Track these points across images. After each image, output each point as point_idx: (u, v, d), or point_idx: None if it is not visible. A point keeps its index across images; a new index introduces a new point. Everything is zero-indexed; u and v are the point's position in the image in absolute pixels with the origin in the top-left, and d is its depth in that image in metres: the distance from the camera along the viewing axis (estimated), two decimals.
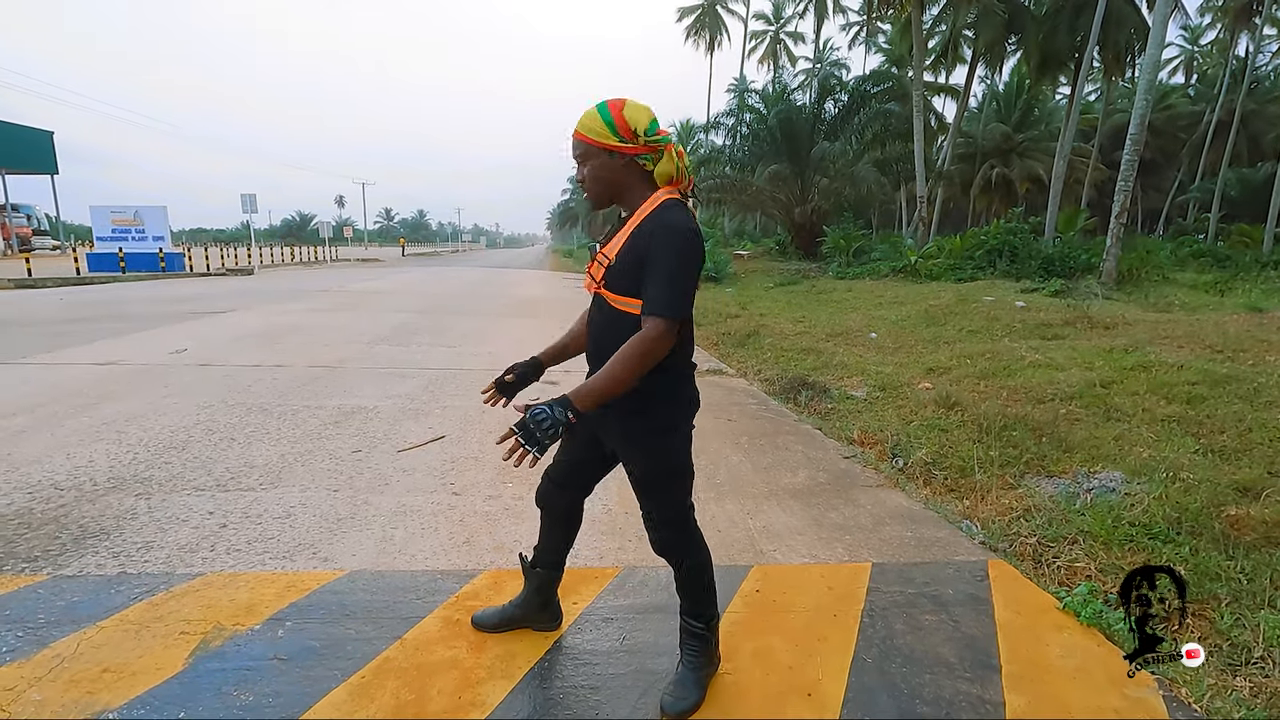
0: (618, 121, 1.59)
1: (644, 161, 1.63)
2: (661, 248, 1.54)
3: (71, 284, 15.91)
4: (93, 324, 8.49)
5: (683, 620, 1.86)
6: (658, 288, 1.54)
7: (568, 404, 1.49)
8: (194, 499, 3.03)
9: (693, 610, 1.84)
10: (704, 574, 1.83)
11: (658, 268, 1.55)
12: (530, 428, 1.46)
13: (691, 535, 1.82)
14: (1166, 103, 36.95)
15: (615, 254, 1.62)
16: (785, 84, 23.19)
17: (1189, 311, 9.36)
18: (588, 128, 1.60)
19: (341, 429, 4.14)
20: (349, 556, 2.55)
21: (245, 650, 1.96)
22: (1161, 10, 11.92)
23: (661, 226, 1.56)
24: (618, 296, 1.63)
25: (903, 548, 2.78)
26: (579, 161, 1.65)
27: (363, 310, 10.75)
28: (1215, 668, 2.04)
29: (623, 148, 1.60)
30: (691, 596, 1.84)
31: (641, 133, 1.59)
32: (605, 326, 1.68)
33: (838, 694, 1.85)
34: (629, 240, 1.61)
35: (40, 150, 30.27)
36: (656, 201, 1.62)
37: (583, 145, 1.63)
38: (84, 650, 1.93)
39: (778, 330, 8.52)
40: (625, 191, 1.66)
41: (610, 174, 1.63)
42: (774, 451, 3.99)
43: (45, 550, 2.52)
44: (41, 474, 3.28)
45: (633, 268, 1.59)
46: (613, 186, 1.65)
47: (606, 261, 1.64)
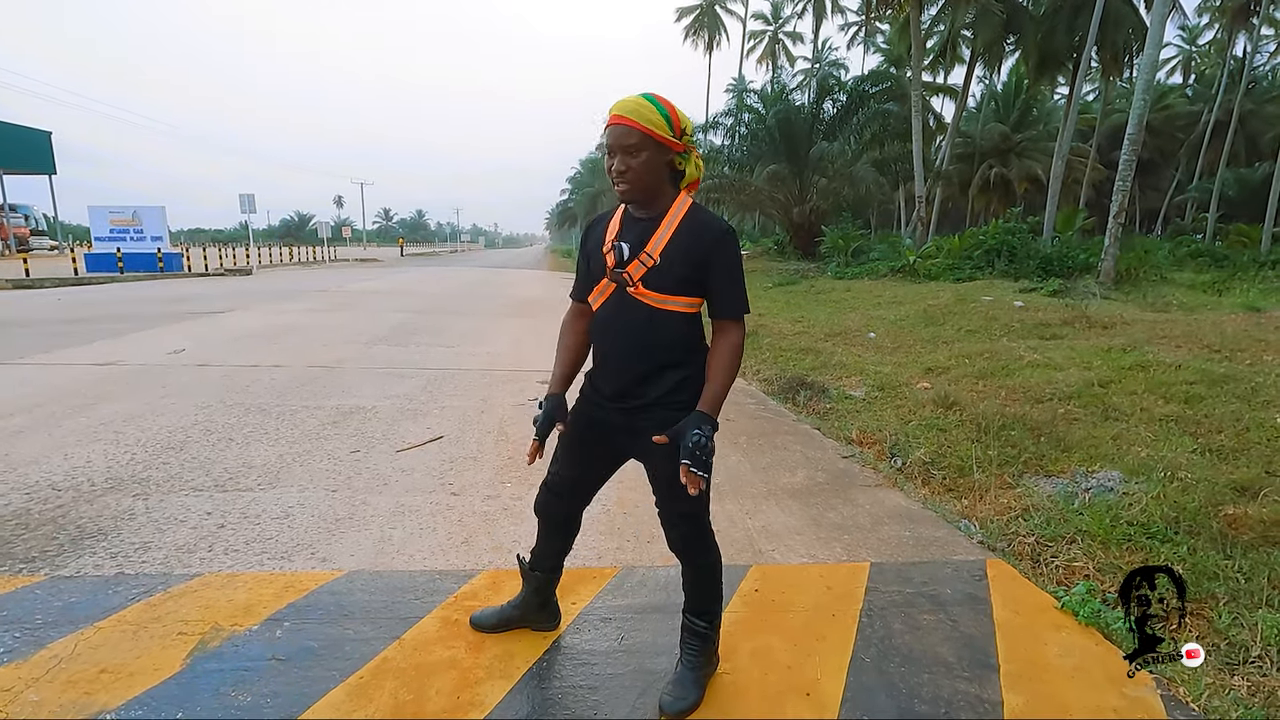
0: (673, 117, 1.59)
1: (681, 161, 1.65)
2: (725, 251, 1.61)
3: (69, 284, 15.88)
4: (91, 324, 8.47)
5: (685, 619, 1.86)
6: (733, 291, 1.63)
7: (709, 419, 1.57)
8: (192, 499, 3.03)
9: (698, 608, 1.84)
10: (716, 571, 1.83)
11: (727, 271, 1.62)
12: (702, 458, 1.52)
13: (709, 532, 1.82)
14: (1164, 103, 37.03)
15: (659, 254, 1.61)
16: (784, 84, 23.14)
17: (1187, 311, 9.38)
18: (645, 119, 1.56)
19: (340, 429, 4.14)
20: (347, 557, 2.54)
21: (243, 651, 1.96)
22: (1159, 10, 11.94)
23: (723, 235, 1.62)
24: (661, 295, 1.63)
25: (901, 547, 2.78)
26: (627, 151, 1.57)
27: (361, 310, 10.74)
28: (1213, 667, 2.04)
29: (674, 144, 1.61)
30: (701, 594, 1.83)
31: (689, 132, 1.63)
32: (644, 326, 1.65)
33: (836, 693, 1.85)
34: (673, 242, 1.61)
35: (38, 150, 30.20)
36: (687, 203, 1.65)
37: (637, 134, 1.56)
38: (81, 651, 1.93)
39: (776, 330, 8.52)
40: (660, 188, 1.64)
41: (658, 169, 1.61)
42: (772, 451, 3.99)
43: (43, 551, 2.52)
44: (39, 474, 3.28)
45: (682, 268, 1.60)
46: (656, 182, 1.62)
47: (651, 262, 1.61)
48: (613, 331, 1.71)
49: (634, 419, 1.70)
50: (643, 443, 1.68)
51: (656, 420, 1.64)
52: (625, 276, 1.64)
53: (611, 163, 1.61)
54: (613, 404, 1.74)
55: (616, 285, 1.67)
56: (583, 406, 1.83)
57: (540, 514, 1.98)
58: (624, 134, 1.57)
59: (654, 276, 1.62)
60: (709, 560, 1.82)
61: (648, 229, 1.64)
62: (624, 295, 1.66)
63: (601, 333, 1.75)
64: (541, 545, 2.03)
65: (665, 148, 1.60)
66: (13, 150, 28.83)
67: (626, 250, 1.64)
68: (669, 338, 1.65)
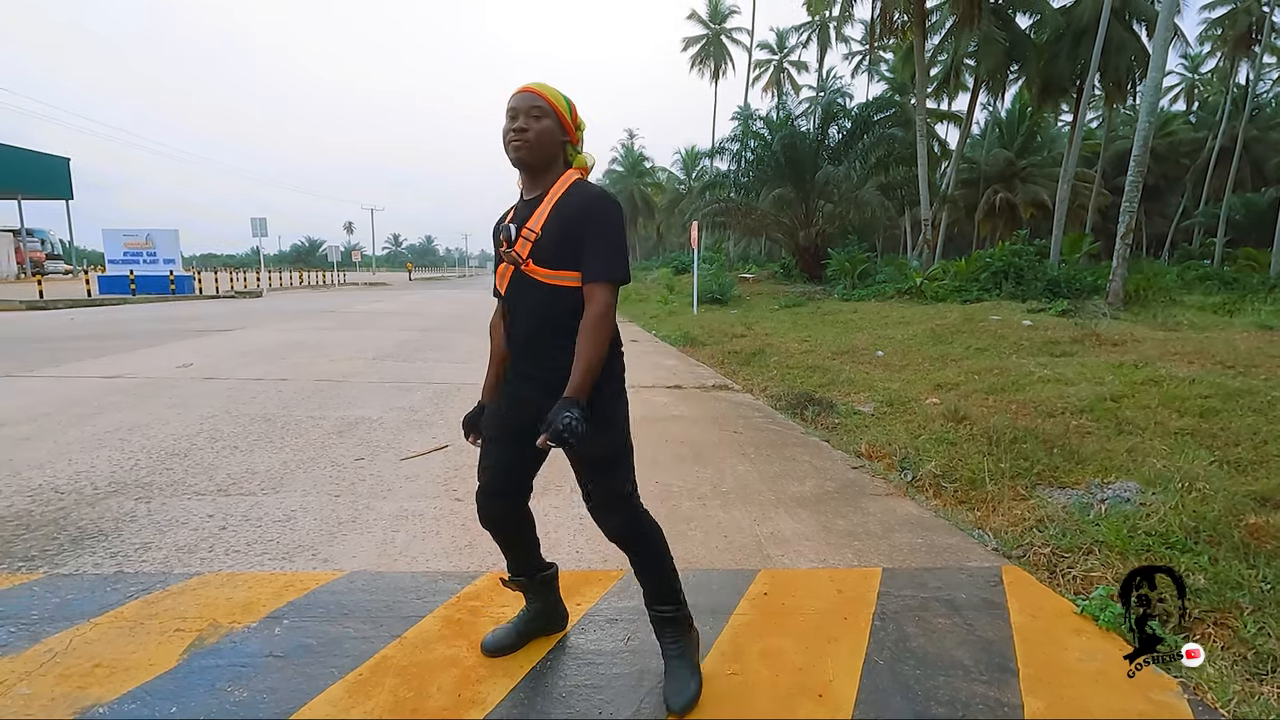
0: (573, 109, 1.73)
1: (572, 154, 1.75)
2: (601, 217, 1.62)
3: (82, 305, 16.09)
4: (101, 341, 8.54)
5: (652, 612, 1.82)
6: (602, 255, 1.61)
7: (576, 402, 1.52)
8: (194, 503, 3.00)
9: (659, 595, 1.80)
10: (663, 553, 1.81)
11: (601, 237, 1.61)
12: (570, 440, 1.48)
13: (643, 513, 1.79)
14: (1169, 129, 37.26)
15: (540, 227, 1.62)
16: (789, 110, 23.39)
17: (1198, 330, 9.29)
18: (552, 95, 1.67)
19: (345, 438, 4.11)
20: (349, 558, 2.50)
21: (241, 647, 1.92)
22: (1161, 36, 12.06)
23: (596, 198, 1.64)
24: (550, 271, 1.62)
25: (914, 554, 2.71)
26: (529, 114, 1.63)
27: (368, 329, 10.79)
28: (1241, 675, 1.96)
29: (570, 130, 1.72)
30: (655, 580, 1.80)
31: (582, 130, 1.76)
32: (541, 303, 1.65)
33: (850, 695, 1.79)
34: (553, 214, 1.63)
35: (57, 176, 30.82)
36: (570, 179, 1.68)
37: (542, 103, 1.65)
38: (76, 646, 1.89)
39: (783, 349, 8.49)
40: (550, 164, 1.69)
41: (553, 142, 1.67)
42: (781, 462, 3.94)
43: (43, 550, 2.49)
44: (43, 478, 3.26)
45: (562, 241, 1.60)
46: (548, 153, 1.67)
47: (534, 236, 1.62)
48: (517, 312, 1.72)
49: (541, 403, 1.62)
50: None
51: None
52: (515, 255, 1.65)
53: (512, 125, 1.64)
54: (523, 381, 1.74)
55: (514, 267, 1.67)
56: (504, 388, 1.83)
57: (487, 524, 1.88)
58: (531, 98, 1.65)
59: (538, 251, 1.62)
60: (650, 544, 1.79)
61: (533, 207, 1.67)
62: (521, 275, 1.67)
63: (509, 315, 1.77)
64: (510, 556, 1.95)
65: (563, 128, 1.69)
66: (33, 176, 29.43)
67: (514, 230, 1.66)
68: (565, 312, 1.63)
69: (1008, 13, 22.53)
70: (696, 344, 9.32)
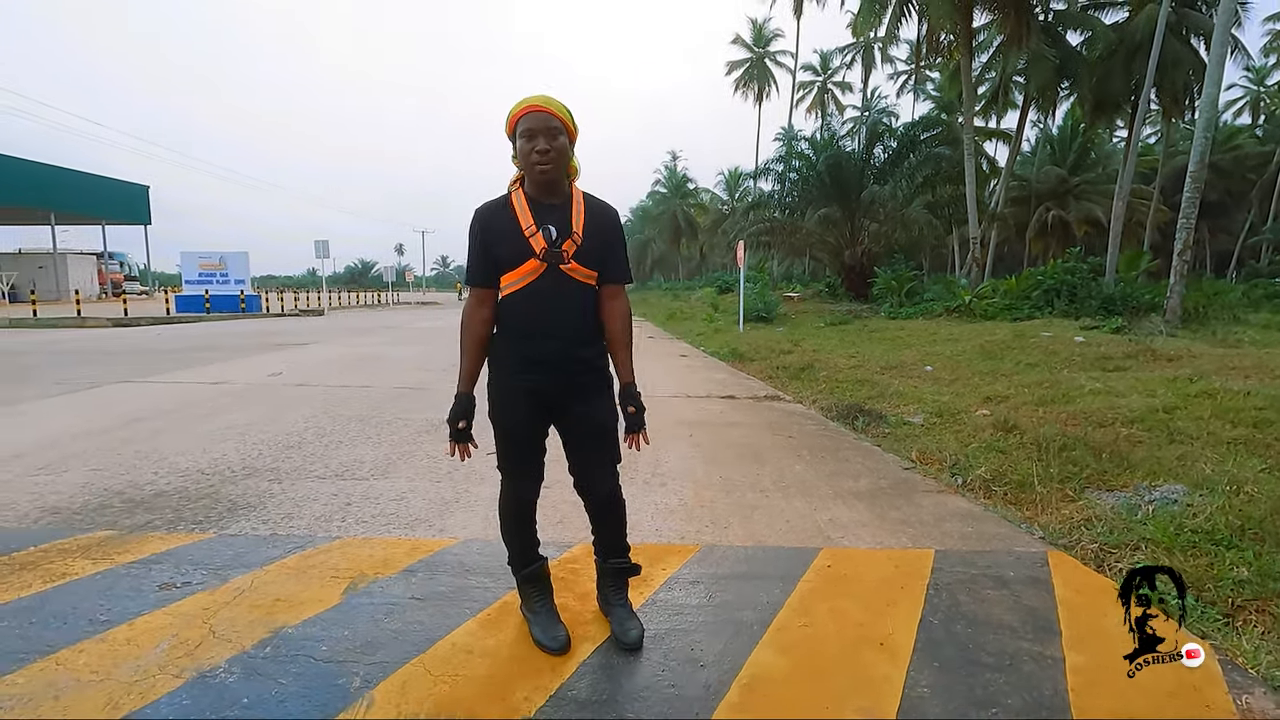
0: (572, 117, 1.88)
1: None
2: (619, 229, 1.98)
3: (162, 322, 17.30)
4: (192, 353, 9.31)
5: (611, 564, 2.11)
6: (623, 262, 1.97)
7: (633, 388, 1.97)
8: (318, 485, 3.44)
9: (620, 548, 2.13)
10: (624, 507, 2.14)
11: (621, 245, 1.97)
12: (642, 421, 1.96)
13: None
14: (1233, 143, 36.01)
15: (582, 232, 1.87)
16: (834, 130, 23.61)
17: (1259, 347, 9.13)
18: (560, 110, 1.83)
19: (433, 436, 4.54)
20: (461, 529, 2.89)
21: (388, 591, 2.30)
22: (1218, 51, 11.95)
23: (614, 212, 1.97)
24: (587, 271, 1.89)
25: (964, 540, 2.95)
26: (550, 134, 1.79)
27: (432, 344, 11.40)
28: (1277, 646, 2.14)
29: (574, 139, 1.91)
30: (619, 534, 2.13)
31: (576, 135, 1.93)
32: (576, 297, 1.88)
33: (908, 644, 2.06)
34: (588, 222, 1.88)
35: (137, 203, 33.09)
36: (579, 190, 1.94)
37: (557, 122, 1.80)
38: (258, 585, 2.30)
39: (831, 364, 8.68)
40: (564, 177, 1.89)
41: (568, 156, 1.87)
42: (835, 462, 4.19)
43: (207, 516, 2.95)
44: (187, 463, 3.76)
45: (596, 245, 1.89)
46: (565, 167, 1.87)
47: (579, 239, 1.85)
48: (548, 307, 1.86)
49: (577, 379, 1.92)
50: (584, 398, 1.94)
51: (593, 378, 1.95)
52: (561, 254, 1.84)
53: (532, 145, 1.78)
54: (555, 372, 1.90)
55: (548, 264, 1.83)
56: (516, 384, 1.93)
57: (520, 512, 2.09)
58: (546, 119, 1.79)
59: (582, 255, 1.86)
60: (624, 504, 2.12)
61: (564, 212, 1.86)
62: (557, 273, 1.84)
63: (527, 310, 1.87)
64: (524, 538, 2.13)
65: (571, 140, 1.87)
66: (116, 202, 31.67)
67: (555, 231, 1.84)
68: (591, 306, 1.93)
69: (1058, 30, 22.35)
70: (745, 359, 9.58)
